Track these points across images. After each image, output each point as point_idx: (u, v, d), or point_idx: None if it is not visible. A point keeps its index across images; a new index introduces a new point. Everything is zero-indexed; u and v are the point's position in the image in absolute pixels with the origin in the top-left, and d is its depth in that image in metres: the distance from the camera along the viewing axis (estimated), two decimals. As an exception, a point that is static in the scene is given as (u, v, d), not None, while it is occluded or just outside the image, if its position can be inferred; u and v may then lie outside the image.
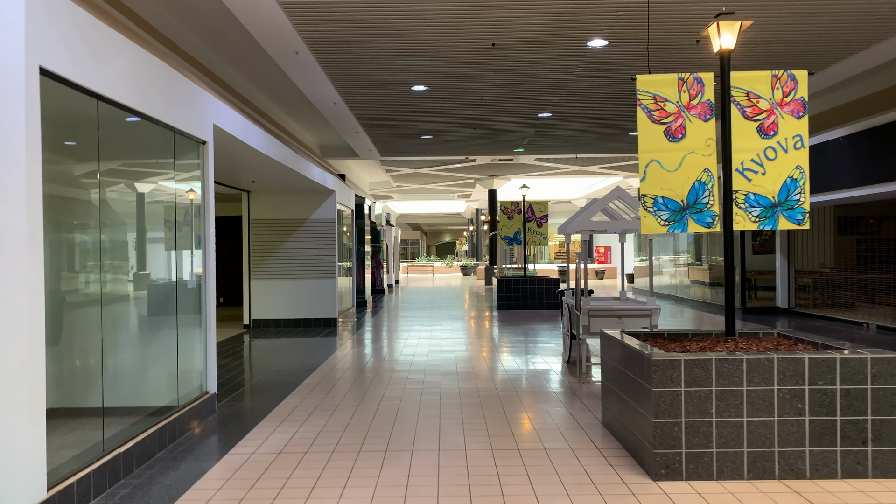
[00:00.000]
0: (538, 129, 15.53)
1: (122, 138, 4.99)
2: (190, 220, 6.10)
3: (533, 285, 16.59)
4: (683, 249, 23.31)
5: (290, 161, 9.60)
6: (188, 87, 5.75)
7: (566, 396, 6.85)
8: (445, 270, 43.23)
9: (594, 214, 7.96)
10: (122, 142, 5.00)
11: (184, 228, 5.94)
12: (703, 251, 20.47)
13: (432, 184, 31.51)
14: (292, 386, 7.49)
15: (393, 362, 9.00)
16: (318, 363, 8.99)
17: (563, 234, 9.37)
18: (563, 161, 23.47)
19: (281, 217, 13.28)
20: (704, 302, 18.78)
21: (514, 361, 9.00)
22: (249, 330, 13.02)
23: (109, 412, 4.55)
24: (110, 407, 4.57)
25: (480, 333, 12.16)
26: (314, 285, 13.24)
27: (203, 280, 6.21)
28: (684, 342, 5.26)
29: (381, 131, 15.61)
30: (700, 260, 20.62)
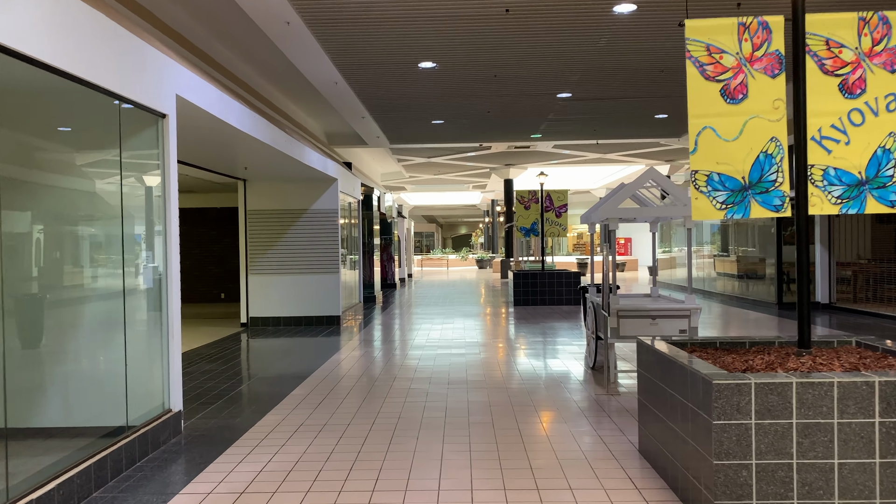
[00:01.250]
0: (557, 111, 14.45)
1: (43, 107, 4.04)
2: (145, 208, 5.15)
3: (551, 279, 15.56)
4: (707, 241, 22.14)
5: (282, 144, 8.65)
6: (139, 48, 4.80)
7: (593, 413, 5.85)
8: (460, 263, 42.24)
9: (623, 200, 6.92)
10: (42, 111, 4.05)
11: (135, 219, 4.99)
12: (731, 241, 19.30)
13: (446, 174, 30.49)
14: (278, 397, 6.56)
15: (396, 368, 8.04)
16: (312, 368, 8.05)
17: (586, 223, 8.34)
18: (583, 148, 22.35)
19: (279, 208, 12.36)
20: (733, 296, 17.65)
21: (532, 367, 7.99)
22: (247, 329, 12.13)
23: (16, 436, 3.63)
24: (16, 428, 3.64)
25: (495, 333, 11.16)
26: (316, 281, 12.31)
27: (165, 280, 5.27)
28: (743, 354, 4.23)
29: (389, 116, 14.62)
30: (727, 251, 19.45)
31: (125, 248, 4.76)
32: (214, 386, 7.15)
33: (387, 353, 9.22)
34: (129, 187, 4.86)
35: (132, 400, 4.79)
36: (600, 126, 16.51)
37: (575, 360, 8.38)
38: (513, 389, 6.78)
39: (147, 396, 5.09)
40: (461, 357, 8.71)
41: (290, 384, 7.20)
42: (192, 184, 14.20)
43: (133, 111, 4.84)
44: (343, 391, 6.81)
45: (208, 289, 16.16)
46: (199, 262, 16.21)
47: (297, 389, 6.91)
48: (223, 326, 12.42)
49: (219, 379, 7.52)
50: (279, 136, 8.53)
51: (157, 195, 5.23)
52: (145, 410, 5.01)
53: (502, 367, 7.96)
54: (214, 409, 6.17)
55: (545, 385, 6.99)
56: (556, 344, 9.78)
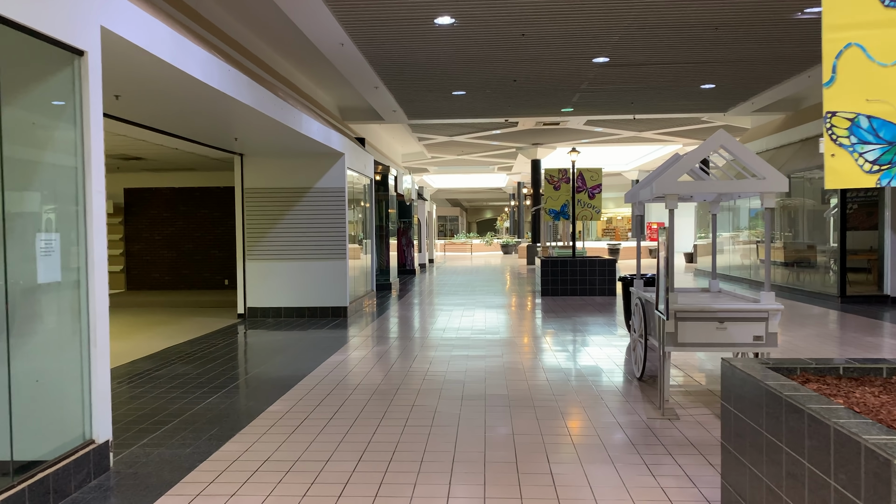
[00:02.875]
0: (591, 80, 12.95)
1: None
2: (49, 178, 3.88)
3: (583, 267, 14.12)
4: (744, 225, 20.47)
5: (270, 108, 7.33)
6: (34, -46, 3.49)
7: (646, 446, 4.48)
8: (485, 248, 40.85)
9: (683, 172, 5.49)
10: None
11: (30, 193, 3.72)
12: (776, 226, 17.67)
13: (470, 154, 29.05)
14: (250, 415, 5.30)
15: (401, 375, 6.73)
16: (303, 373, 6.79)
17: (631, 201, 6.92)
18: (617, 125, 20.75)
19: (279, 186, 11.09)
20: (782, 286, 16.05)
21: (564, 376, 6.63)
22: (244, 320, 10.93)
23: None
24: None
25: (519, 329, 9.80)
26: (320, 268, 11.05)
27: (84, 276, 3.99)
28: (892, 390, 2.83)
29: (405, 85, 13.24)
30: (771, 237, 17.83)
31: (15, 233, 3.49)
32: (178, 398, 5.91)
33: (393, 354, 7.92)
34: (21, 147, 3.58)
35: (31, 429, 3.55)
36: (638, 98, 14.95)
37: (616, 367, 7.00)
38: (542, 409, 5.43)
39: (57, 424, 3.84)
40: (480, 361, 7.38)
41: (270, 395, 5.93)
42: (192, 161, 13.01)
43: (30, 44, 3.54)
44: (331, 408, 5.52)
45: (212, 274, 15.03)
46: (202, 245, 15.07)
47: (275, 404, 5.64)
48: (218, 317, 11.24)
49: (188, 387, 6.28)
50: (265, 98, 7.21)
51: (67, 164, 3.94)
52: (55, 443, 3.77)
53: (528, 376, 6.61)
54: (165, 432, 4.92)
55: (582, 401, 5.63)
56: (591, 345, 8.40)
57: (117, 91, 5.98)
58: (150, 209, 15.05)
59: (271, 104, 7.32)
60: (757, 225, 19.68)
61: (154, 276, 15.11)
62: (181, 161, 13.21)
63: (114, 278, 15.14)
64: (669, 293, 5.12)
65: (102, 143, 4.09)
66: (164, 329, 9.97)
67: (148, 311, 12.12)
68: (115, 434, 4.79)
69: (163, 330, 9.88)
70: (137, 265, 15.11)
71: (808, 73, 12.59)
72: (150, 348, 8.36)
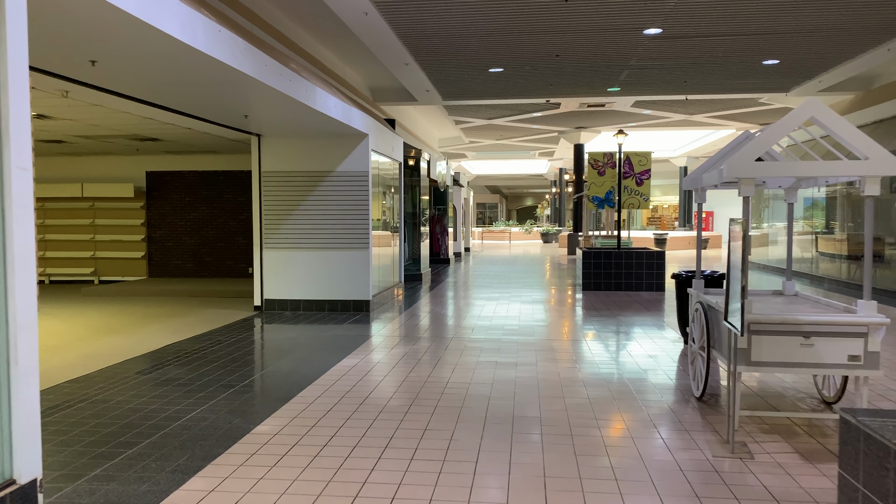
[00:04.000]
0: (642, 55, 11.78)
1: None
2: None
3: (628, 259, 13.02)
4: (798, 215, 18.96)
5: (274, 78, 6.46)
6: None
7: (717, 499, 3.49)
8: (524, 237, 39.71)
9: (762, 150, 4.42)
10: None
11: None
12: (837, 217, 16.21)
13: (509, 139, 27.96)
14: (231, 437, 4.47)
15: (417, 385, 5.84)
16: (306, 381, 5.95)
17: (693, 187, 5.86)
18: (667, 107, 19.43)
19: (299, 169, 10.27)
20: (844, 282, 14.70)
21: (609, 392, 5.65)
22: (261, 313, 10.18)
23: None
24: None
25: (557, 330, 8.82)
26: (342, 258, 10.22)
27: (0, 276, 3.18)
28: None
29: (437, 61, 12.28)
30: (831, 228, 16.37)
31: None
32: (156, 411, 5.12)
33: (412, 358, 7.03)
34: None
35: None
36: (692, 76, 13.69)
37: (669, 380, 5.98)
38: (581, 438, 4.47)
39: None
40: (510, 370, 6.44)
41: (262, 410, 5.10)
42: (212, 143, 12.31)
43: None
44: (328, 430, 4.66)
45: (235, 262, 14.37)
46: (225, 232, 14.41)
47: (265, 423, 4.80)
48: (234, 309, 10.52)
49: (172, 396, 5.50)
50: (268, 67, 6.34)
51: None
52: (-40, 486, 2.97)
53: (565, 391, 5.65)
54: (126, 459, 4.12)
55: (630, 428, 4.65)
56: (638, 351, 7.38)
57: (92, 56, 5.18)
58: (173, 193, 14.45)
59: (276, 74, 6.45)
60: (814, 215, 18.21)
61: (176, 264, 14.53)
62: (201, 143, 12.52)
63: (135, 265, 14.61)
64: (745, 302, 4.08)
65: (27, 105, 3.26)
66: (173, 322, 9.28)
67: (163, 302, 11.49)
68: (67, 460, 4.02)
69: (171, 323, 9.20)
70: (159, 252, 14.55)
71: (887, 47, 11.21)
72: (151, 345, 7.65)
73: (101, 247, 14.60)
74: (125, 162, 14.44)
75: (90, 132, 10.85)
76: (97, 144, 12.63)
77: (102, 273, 14.66)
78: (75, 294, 12.57)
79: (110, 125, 10.05)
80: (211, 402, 5.31)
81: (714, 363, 6.21)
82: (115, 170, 14.50)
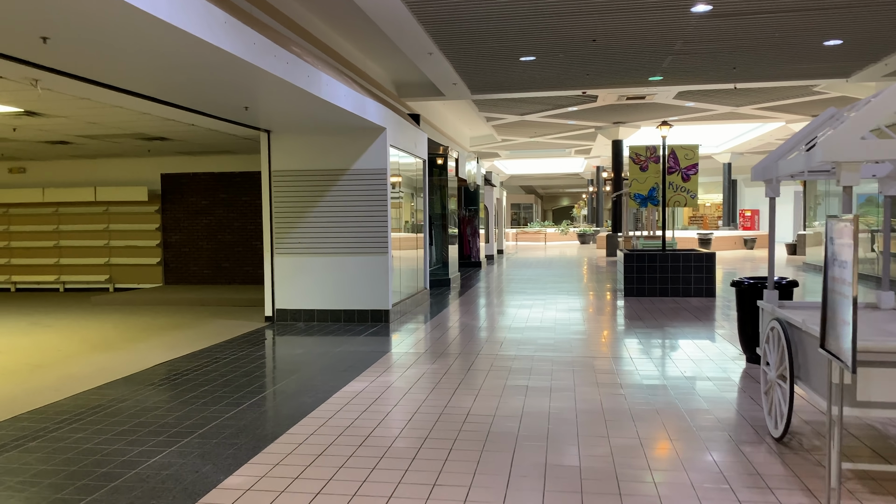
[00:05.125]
0: (687, 38, 10.68)
1: None
2: None
3: (675, 262, 11.90)
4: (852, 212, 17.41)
5: (268, 61, 5.59)
6: None
7: None
8: (560, 238, 38.49)
9: (870, 125, 3.39)
10: None
11: None
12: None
13: (544, 136, 26.87)
14: (190, 497, 3.60)
15: (430, 418, 4.91)
16: (300, 412, 5.08)
17: (764, 178, 4.82)
18: (713, 98, 18.17)
19: (311, 167, 9.43)
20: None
21: (662, 429, 4.64)
22: (272, 324, 9.38)
23: None
24: None
25: (596, 343, 7.80)
26: (359, 264, 9.35)
27: None
28: None
29: (463, 49, 11.35)
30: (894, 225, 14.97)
31: None
32: (111, 456, 4.27)
33: (429, 381, 6.10)
34: None
35: None
36: (743, 61, 12.51)
37: (733, 410, 4.94)
38: (633, 499, 3.48)
39: None
40: (543, 397, 5.46)
41: (241, 454, 4.23)
42: (225, 141, 11.58)
43: None
44: (314, 482, 3.75)
45: (253, 268, 13.65)
46: (243, 236, 13.69)
47: (237, 474, 3.91)
48: (245, 319, 9.74)
49: (140, 433, 4.66)
50: (260, 47, 5.48)
51: None
52: None
53: (610, 429, 4.65)
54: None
55: (696, 485, 3.64)
56: (693, 372, 6.33)
57: (42, 31, 4.39)
58: (189, 196, 13.80)
59: (267, 55, 5.59)
60: (869, 212, 16.76)
61: (193, 270, 13.88)
62: (215, 142, 11.81)
63: (151, 272, 13.99)
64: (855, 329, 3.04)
65: None
66: (174, 335, 8.53)
67: (172, 311, 10.78)
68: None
69: (173, 337, 8.44)
70: (176, 258, 13.92)
71: (971, 19, 9.91)
72: (143, 363, 6.88)
73: (116, 253, 14.03)
74: (139, 164, 13.84)
75: (91, 131, 10.19)
76: (106, 146, 12.02)
77: (117, 280, 14.09)
78: (83, 304, 11.96)
79: (108, 122, 9.35)
80: (183, 442, 4.45)
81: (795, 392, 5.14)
82: (129, 172, 13.91)
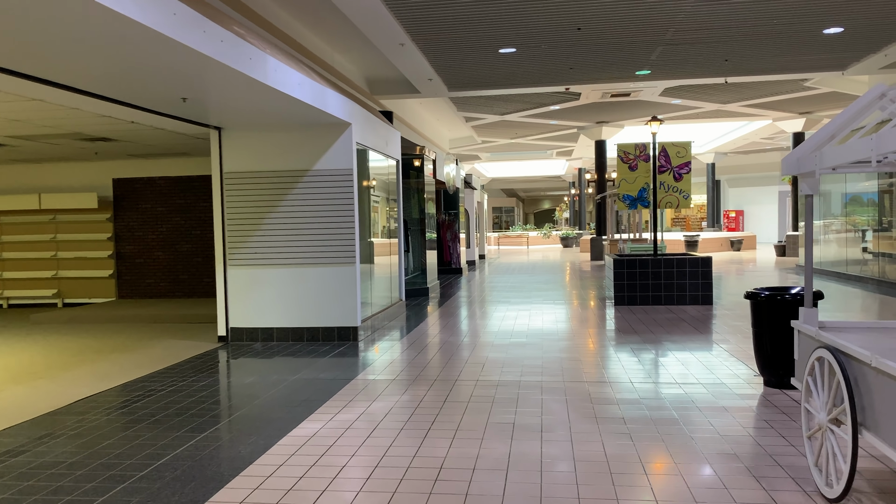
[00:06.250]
0: (678, 26, 9.85)
1: None
2: None
3: (668, 268, 11.05)
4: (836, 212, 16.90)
5: (185, 33, 4.61)
6: None
7: None
8: (542, 241, 37.70)
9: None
10: None
11: None
12: (893, 212, 14.13)
13: (525, 137, 26.05)
14: None
15: (393, 478, 3.95)
16: (230, 472, 4.09)
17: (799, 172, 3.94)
18: (700, 94, 17.43)
19: (268, 168, 8.44)
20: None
21: (684, 485, 3.72)
22: (226, 345, 8.36)
23: None
24: None
25: (591, 366, 6.89)
26: (322, 276, 8.37)
27: None
28: None
29: (438, 40, 10.43)
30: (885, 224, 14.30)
31: None
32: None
33: (396, 419, 5.15)
34: None
35: None
36: (737, 52, 11.73)
37: (763, 454, 4.03)
38: None
39: None
40: (533, 442, 4.52)
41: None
42: (181, 144, 10.54)
43: None
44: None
45: (214, 280, 12.59)
46: (202, 245, 12.63)
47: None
48: (196, 340, 8.72)
49: (27, 503, 3.65)
50: (177, 15, 4.49)
51: None
52: None
53: (620, 490, 3.73)
54: None
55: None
56: (706, 402, 5.42)
57: None
58: (143, 202, 12.72)
59: (195, 31, 4.60)
60: (854, 212, 16.14)
61: (148, 283, 12.79)
62: (168, 144, 10.76)
63: (102, 286, 12.88)
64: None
65: None
66: (112, 361, 7.48)
67: (118, 331, 9.72)
68: None
69: (109, 363, 7.40)
70: (129, 270, 12.82)
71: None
72: (61, 398, 5.85)
73: (64, 265, 12.90)
74: (87, 169, 12.74)
75: (19, 130, 9.10)
76: (46, 148, 10.92)
77: (66, 295, 12.96)
78: (22, 322, 10.84)
79: (34, 119, 8.28)
80: (73, 517, 3.45)
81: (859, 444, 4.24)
82: (77, 178, 12.80)
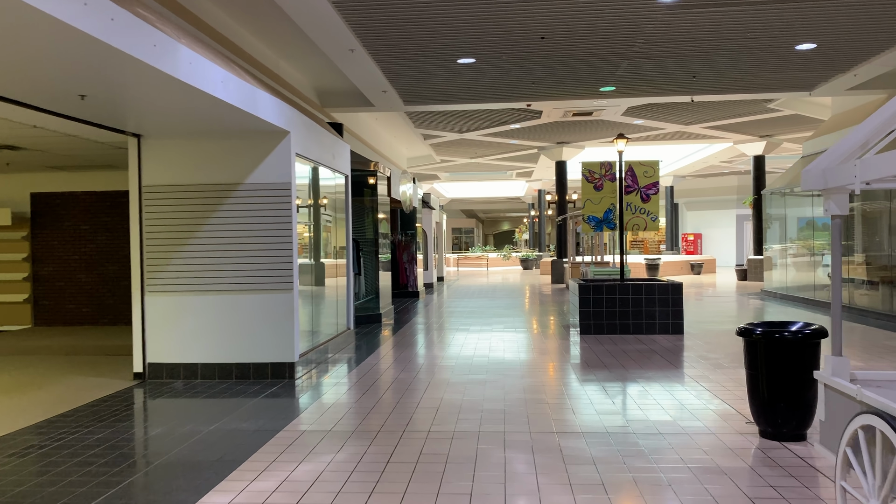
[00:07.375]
0: (648, 37, 9.22)
1: None
2: None
3: (636, 294, 10.33)
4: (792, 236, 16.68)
5: (65, 8, 3.66)
6: None
7: None
8: (502, 263, 37.04)
9: None
10: None
11: None
12: (855, 237, 13.83)
13: (484, 157, 25.39)
14: None
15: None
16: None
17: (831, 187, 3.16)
18: (663, 114, 16.98)
19: (194, 181, 7.44)
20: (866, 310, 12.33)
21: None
22: (142, 383, 7.27)
23: None
24: None
25: (559, 410, 6.03)
26: (256, 304, 7.37)
27: None
28: None
29: (391, 47, 9.60)
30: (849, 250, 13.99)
31: None
32: None
33: (326, 490, 4.20)
34: None
35: None
36: (705, 68, 11.20)
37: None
38: None
39: None
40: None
41: None
42: (108, 155, 9.44)
43: None
44: None
45: (143, 305, 11.39)
46: (126, 267, 11.45)
47: None
48: (108, 377, 7.59)
49: None
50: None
51: None
52: None
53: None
54: None
55: None
56: (700, 460, 4.61)
57: None
58: (65, 220, 11.50)
59: (73, 4, 3.65)
60: (810, 236, 15.88)
61: (69, 309, 11.53)
62: (89, 154, 9.65)
63: (17, 311, 11.57)
64: None
65: None
66: (3, 405, 6.35)
67: (24, 365, 8.51)
68: None
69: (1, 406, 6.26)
70: (48, 294, 11.55)
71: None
72: (-84, 459, 4.73)
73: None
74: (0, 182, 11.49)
75: None
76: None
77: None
78: (-87, 354, 9.51)
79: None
80: None
81: None
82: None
